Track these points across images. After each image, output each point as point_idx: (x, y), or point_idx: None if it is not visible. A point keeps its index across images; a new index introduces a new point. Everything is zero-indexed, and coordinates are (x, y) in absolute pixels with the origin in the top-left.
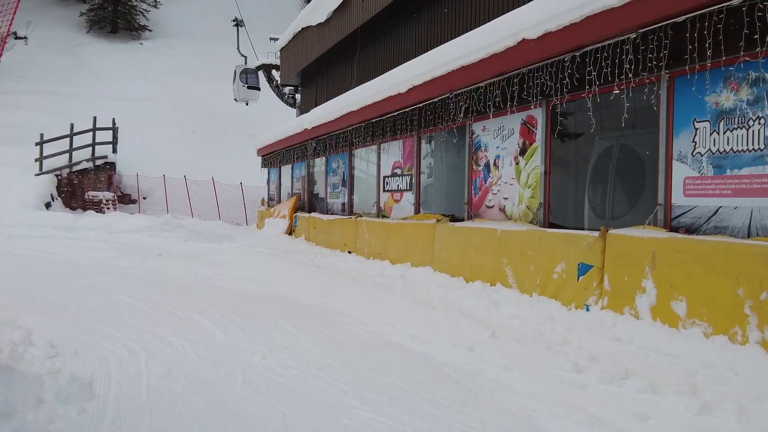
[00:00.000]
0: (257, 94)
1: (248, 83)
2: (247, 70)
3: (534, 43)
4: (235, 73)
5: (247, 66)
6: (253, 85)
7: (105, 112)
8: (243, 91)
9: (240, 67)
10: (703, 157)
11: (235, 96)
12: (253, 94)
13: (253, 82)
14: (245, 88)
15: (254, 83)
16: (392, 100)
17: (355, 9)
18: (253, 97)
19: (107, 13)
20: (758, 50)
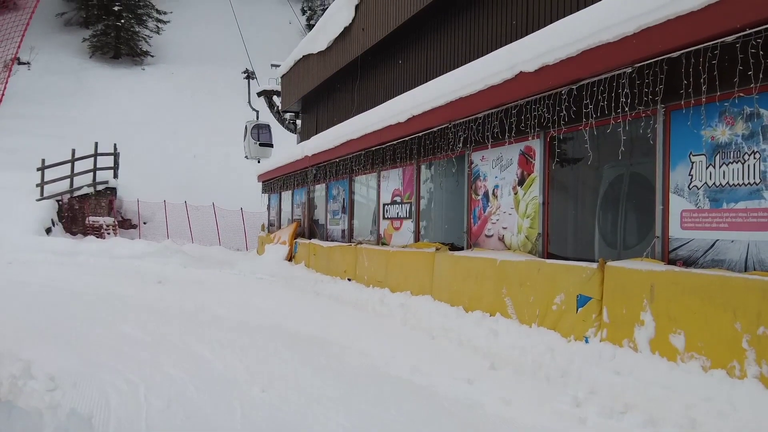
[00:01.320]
0: (270, 151)
1: (260, 140)
2: (259, 126)
3: (531, 76)
4: (246, 129)
5: (259, 121)
6: (266, 141)
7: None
8: (255, 148)
9: (251, 123)
10: (699, 190)
11: (246, 153)
12: (266, 152)
13: (266, 138)
14: (257, 145)
15: (267, 140)
16: (392, 129)
17: (355, 38)
18: (265, 154)
19: (110, 39)
20: (752, 86)
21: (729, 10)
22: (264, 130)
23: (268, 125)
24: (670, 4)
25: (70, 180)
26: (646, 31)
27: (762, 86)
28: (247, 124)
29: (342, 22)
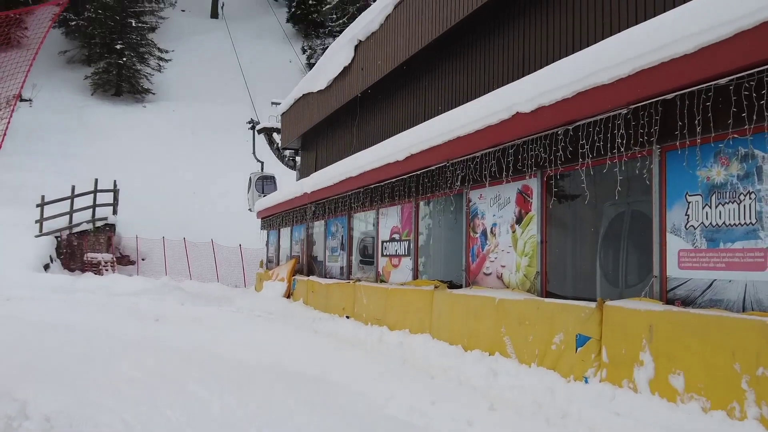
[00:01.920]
0: None
1: (265, 192)
2: (264, 177)
3: (528, 117)
4: (251, 180)
5: (263, 173)
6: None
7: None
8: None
9: (256, 175)
10: (696, 230)
11: (250, 206)
12: None
13: (271, 190)
14: (261, 197)
15: (272, 191)
16: (391, 167)
17: (354, 77)
18: None
19: (111, 77)
20: (746, 127)
21: (722, 53)
22: (269, 181)
23: (273, 176)
24: (664, 48)
25: (70, 216)
26: (640, 74)
27: (756, 127)
28: (252, 176)
29: (342, 61)
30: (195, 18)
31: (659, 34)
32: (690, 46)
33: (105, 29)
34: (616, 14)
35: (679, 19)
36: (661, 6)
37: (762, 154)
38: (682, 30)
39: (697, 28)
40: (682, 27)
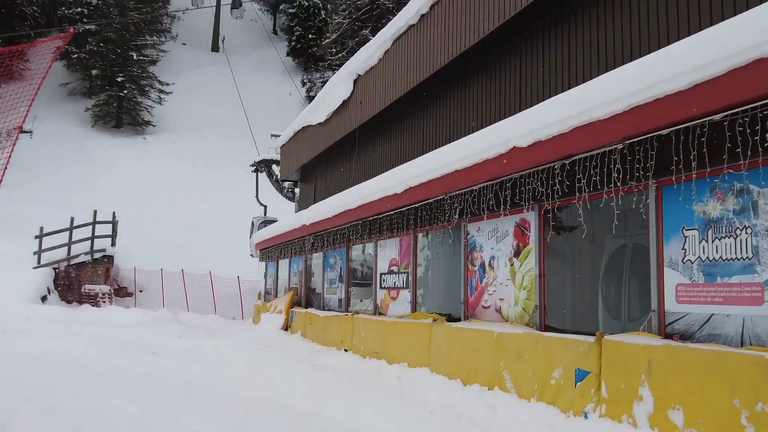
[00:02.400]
0: None
1: None
2: (267, 222)
3: (525, 151)
4: (253, 225)
5: (266, 217)
6: None
7: (107, 204)
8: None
9: (259, 219)
10: (693, 264)
11: (252, 252)
12: None
13: None
14: None
15: None
16: (389, 200)
17: (353, 110)
18: None
19: (112, 109)
20: (741, 162)
21: (716, 90)
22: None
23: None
24: (659, 84)
25: (68, 248)
26: (635, 110)
27: (751, 163)
28: (254, 220)
29: (341, 95)
30: (196, 51)
31: (653, 71)
32: (684, 83)
33: (106, 62)
34: (611, 52)
35: (673, 57)
36: (656, 44)
37: (757, 189)
38: (676, 67)
39: (691, 65)
40: (675, 64)
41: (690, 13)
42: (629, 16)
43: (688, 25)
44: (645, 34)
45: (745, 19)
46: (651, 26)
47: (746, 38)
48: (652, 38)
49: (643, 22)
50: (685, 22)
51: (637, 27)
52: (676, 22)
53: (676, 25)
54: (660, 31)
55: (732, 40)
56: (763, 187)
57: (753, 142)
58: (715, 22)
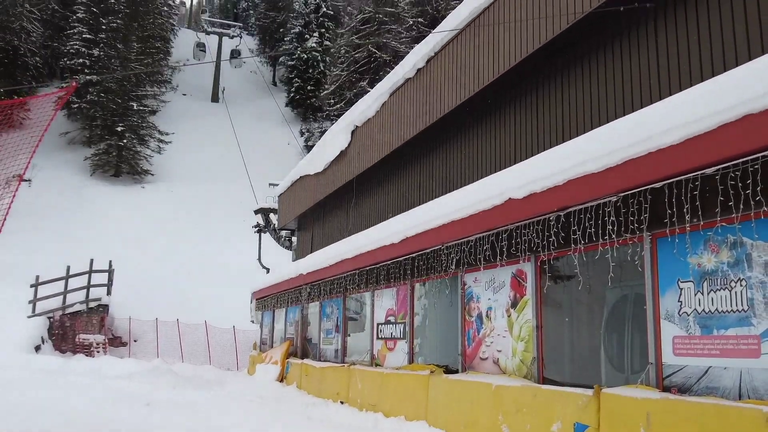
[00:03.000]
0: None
1: None
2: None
3: (520, 203)
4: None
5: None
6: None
7: (103, 252)
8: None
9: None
10: (689, 316)
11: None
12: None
13: None
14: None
15: None
16: (386, 250)
17: (351, 161)
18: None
19: (111, 158)
20: (734, 215)
21: (707, 145)
22: None
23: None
24: (651, 139)
25: (63, 297)
26: (628, 163)
27: (743, 216)
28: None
29: (339, 145)
30: (196, 102)
31: (646, 126)
32: (675, 138)
33: (107, 112)
34: (603, 106)
35: (664, 112)
36: (648, 98)
37: (750, 241)
38: (668, 122)
39: (682, 120)
40: (667, 119)
41: (681, 70)
42: (621, 71)
43: (679, 81)
44: (637, 90)
45: (734, 76)
46: (643, 82)
47: (735, 95)
48: (644, 93)
49: (635, 78)
50: (676, 78)
51: (629, 82)
52: (667, 78)
53: (668, 81)
54: (652, 86)
55: (721, 96)
56: (756, 240)
57: (745, 195)
58: (705, 78)
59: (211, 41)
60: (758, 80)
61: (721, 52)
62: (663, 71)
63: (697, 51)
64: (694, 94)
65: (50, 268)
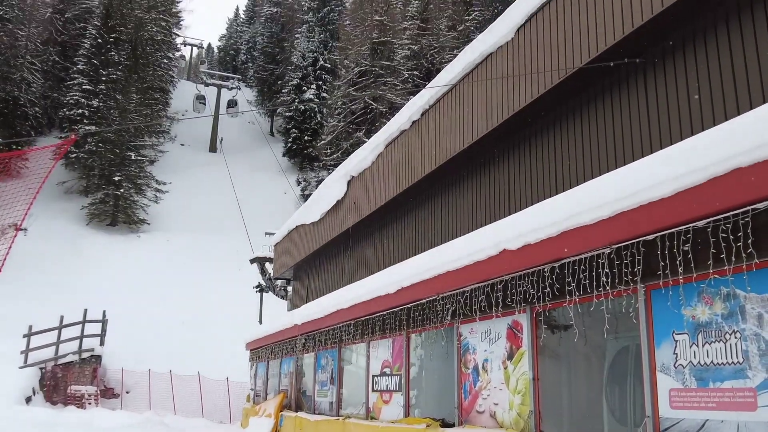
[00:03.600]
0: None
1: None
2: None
3: (515, 254)
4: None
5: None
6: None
7: (97, 302)
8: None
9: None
10: (685, 369)
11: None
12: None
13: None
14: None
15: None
16: (381, 300)
17: (347, 210)
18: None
19: (108, 207)
20: (726, 268)
21: (697, 198)
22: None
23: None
24: (642, 192)
25: (56, 347)
26: (620, 215)
27: (735, 268)
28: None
29: (335, 195)
30: (194, 152)
31: (637, 179)
32: (666, 191)
33: (105, 162)
34: (596, 159)
35: (655, 165)
36: (639, 152)
37: (743, 293)
38: (658, 175)
39: (672, 173)
40: (657, 172)
41: (671, 124)
42: (611, 124)
43: (669, 134)
44: (628, 143)
45: (722, 130)
46: (634, 135)
47: (724, 148)
48: (635, 146)
49: (626, 131)
50: (667, 131)
51: (620, 135)
52: (657, 131)
53: (658, 134)
54: (643, 139)
55: (711, 150)
56: (749, 292)
57: (736, 247)
58: (695, 132)
59: (210, 93)
60: (747, 134)
61: (710, 106)
62: (653, 125)
63: (687, 105)
64: (683, 147)
65: (44, 318)
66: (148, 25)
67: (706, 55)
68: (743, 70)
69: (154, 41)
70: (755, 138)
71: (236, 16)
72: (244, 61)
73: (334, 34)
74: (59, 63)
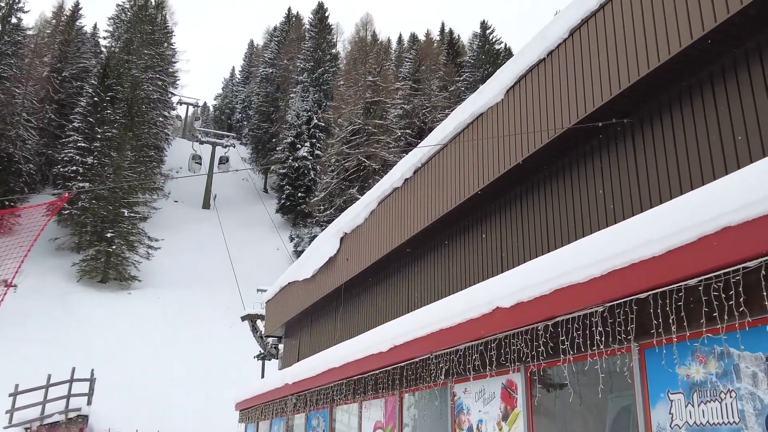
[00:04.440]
0: None
1: None
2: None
3: (508, 312)
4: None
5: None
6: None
7: (86, 360)
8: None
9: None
10: (681, 429)
11: None
12: None
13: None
14: None
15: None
16: (374, 359)
17: (340, 267)
18: None
19: (99, 264)
20: (719, 326)
21: (688, 256)
22: None
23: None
24: (633, 250)
25: (42, 407)
26: (612, 274)
27: (728, 326)
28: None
29: (327, 252)
30: (188, 208)
31: (628, 237)
32: (657, 249)
33: (97, 218)
34: (587, 217)
35: (646, 223)
36: (629, 211)
37: (737, 352)
38: (649, 233)
39: (663, 232)
40: (648, 230)
41: (660, 183)
42: (602, 183)
43: (659, 193)
44: (618, 201)
45: (711, 188)
46: (624, 194)
47: (714, 207)
48: (626, 205)
49: (616, 190)
50: (656, 190)
51: (611, 194)
52: (647, 190)
53: (648, 193)
54: (633, 198)
55: (700, 208)
56: (742, 351)
57: (728, 306)
58: (684, 190)
59: (205, 150)
60: (735, 193)
61: (698, 166)
62: (643, 183)
63: (675, 164)
64: (673, 206)
65: (31, 377)
66: (144, 84)
67: (692, 115)
68: (729, 130)
69: (150, 100)
70: (743, 197)
71: (232, 76)
72: (239, 119)
73: (328, 93)
74: (55, 120)
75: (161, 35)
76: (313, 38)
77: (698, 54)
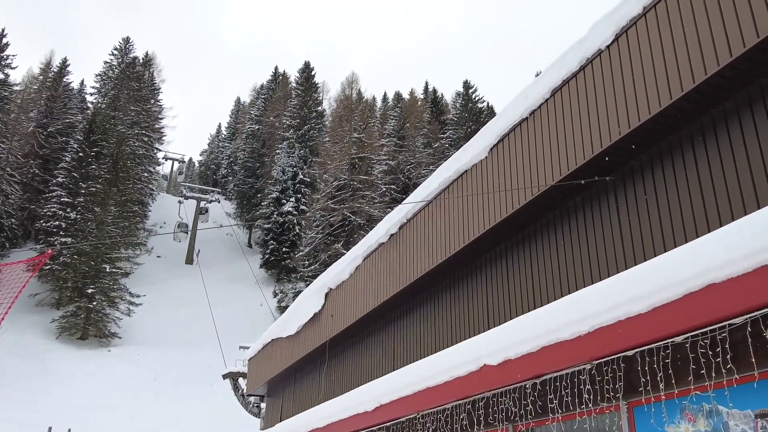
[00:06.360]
0: None
1: None
2: None
3: (495, 369)
4: None
5: None
6: None
7: (63, 419)
8: None
9: None
10: None
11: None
12: None
13: None
14: None
15: None
16: (359, 418)
17: (324, 323)
18: None
19: (79, 320)
20: (707, 383)
21: (674, 313)
22: None
23: None
24: (619, 307)
25: None
26: (599, 331)
27: (716, 384)
28: None
29: (312, 308)
30: (170, 263)
31: (613, 294)
32: (643, 306)
33: (79, 274)
34: (572, 273)
35: (631, 280)
36: (614, 268)
37: (726, 410)
38: (635, 290)
39: (648, 289)
40: (634, 288)
41: (644, 240)
42: (586, 240)
43: (643, 251)
44: (603, 259)
45: (695, 246)
46: (608, 251)
47: (699, 264)
48: (610, 263)
49: (600, 247)
50: (640, 248)
51: (595, 251)
52: (631, 248)
53: (632, 250)
54: (617, 255)
55: (685, 265)
56: (731, 408)
57: (716, 363)
58: (668, 248)
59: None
60: (718, 251)
61: (680, 223)
62: (626, 240)
63: (658, 221)
64: (658, 263)
65: None
66: (130, 140)
67: (674, 173)
68: (711, 189)
69: (136, 155)
70: (726, 255)
71: (218, 132)
72: (224, 175)
73: (313, 150)
74: (39, 175)
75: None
76: (299, 96)
77: (677, 114)
